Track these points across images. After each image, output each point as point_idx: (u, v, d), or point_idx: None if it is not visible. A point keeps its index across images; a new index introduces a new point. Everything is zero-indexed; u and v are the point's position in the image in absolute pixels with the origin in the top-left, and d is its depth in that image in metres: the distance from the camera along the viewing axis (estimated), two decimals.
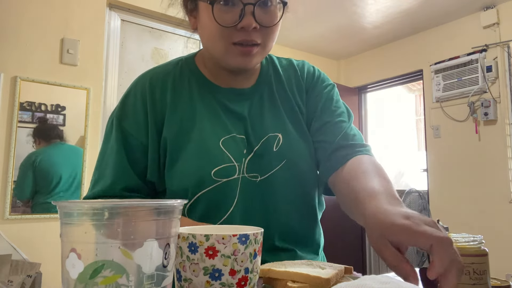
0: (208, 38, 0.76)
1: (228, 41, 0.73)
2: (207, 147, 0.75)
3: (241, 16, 0.70)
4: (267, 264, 0.59)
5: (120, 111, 0.80)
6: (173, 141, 0.76)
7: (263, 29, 0.73)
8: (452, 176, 3.41)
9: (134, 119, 0.78)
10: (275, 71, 0.88)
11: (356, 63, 4.41)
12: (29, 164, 2.24)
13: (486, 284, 0.50)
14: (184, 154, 0.75)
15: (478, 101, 3.26)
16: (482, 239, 0.52)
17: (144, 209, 0.38)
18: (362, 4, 3.25)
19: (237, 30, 0.71)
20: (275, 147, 0.79)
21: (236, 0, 0.70)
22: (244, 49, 0.73)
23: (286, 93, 0.85)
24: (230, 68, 0.80)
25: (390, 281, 0.51)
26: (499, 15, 3.21)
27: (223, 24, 0.71)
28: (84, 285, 0.35)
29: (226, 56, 0.75)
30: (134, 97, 0.80)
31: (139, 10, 2.78)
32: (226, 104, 0.80)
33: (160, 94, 0.79)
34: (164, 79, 0.81)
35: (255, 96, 0.83)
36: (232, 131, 0.78)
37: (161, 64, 0.87)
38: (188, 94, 0.81)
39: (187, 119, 0.78)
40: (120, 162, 0.76)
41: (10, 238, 1.99)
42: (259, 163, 0.77)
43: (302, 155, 0.81)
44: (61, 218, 0.38)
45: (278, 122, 0.82)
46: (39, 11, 2.35)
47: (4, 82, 2.20)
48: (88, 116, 2.43)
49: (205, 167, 0.74)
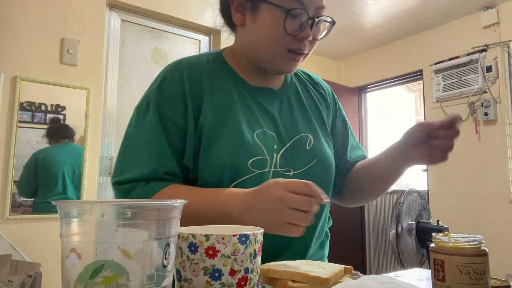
0: (266, 40, 0.79)
1: (284, 47, 0.78)
2: (243, 138, 0.78)
3: (301, 27, 0.76)
4: (267, 264, 0.59)
5: (157, 96, 0.79)
6: (209, 129, 0.78)
7: (312, 41, 0.80)
8: (452, 176, 3.40)
9: (174, 104, 0.78)
10: (297, 77, 0.96)
11: (356, 63, 4.41)
12: (32, 162, 2.25)
13: (486, 284, 0.50)
14: (219, 142, 0.77)
15: (478, 101, 3.26)
16: (482, 239, 0.52)
17: (144, 209, 0.38)
18: (362, 4, 3.25)
19: (295, 39, 0.77)
20: (307, 146, 0.86)
21: (303, 13, 0.76)
22: (295, 56, 0.80)
23: (313, 99, 0.94)
24: (272, 71, 0.85)
25: (390, 281, 0.51)
26: (499, 15, 3.21)
27: (288, 32, 0.76)
28: (84, 285, 0.35)
29: (277, 59, 0.80)
30: (172, 83, 0.80)
31: (139, 10, 2.78)
32: (258, 101, 0.85)
33: (198, 82, 0.81)
34: (200, 69, 0.83)
35: (283, 96, 0.89)
36: (264, 126, 0.82)
37: (191, 56, 0.89)
38: (223, 87, 0.83)
39: (223, 110, 0.80)
40: (161, 146, 0.76)
41: (10, 238, 1.98)
42: (291, 158, 0.82)
43: (329, 157, 0.89)
44: (61, 218, 0.38)
45: (308, 124, 0.89)
46: (39, 11, 2.35)
47: (4, 82, 2.20)
48: (88, 116, 2.43)
49: (241, 157, 0.77)
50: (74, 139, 2.38)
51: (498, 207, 3.09)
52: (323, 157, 0.87)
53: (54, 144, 2.32)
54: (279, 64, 0.82)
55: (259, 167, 0.78)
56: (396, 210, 2.68)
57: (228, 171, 0.76)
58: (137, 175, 0.74)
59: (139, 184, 0.74)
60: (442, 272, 0.52)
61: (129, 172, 0.75)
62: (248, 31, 0.82)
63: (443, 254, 0.52)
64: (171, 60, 3.14)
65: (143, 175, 0.74)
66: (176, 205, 0.41)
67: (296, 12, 0.75)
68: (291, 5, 0.75)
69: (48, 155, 2.30)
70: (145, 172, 0.74)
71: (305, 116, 0.90)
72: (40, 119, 2.30)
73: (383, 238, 4.04)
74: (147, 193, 0.73)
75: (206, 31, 3.09)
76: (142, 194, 0.73)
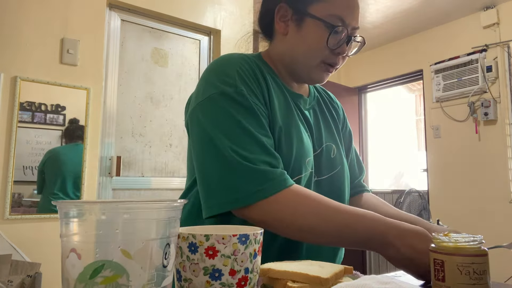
0: (307, 51, 0.84)
1: (322, 59, 0.84)
2: (302, 138, 0.82)
3: (339, 42, 0.83)
4: (267, 264, 0.59)
5: (243, 85, 0.76)
6: (278, 123, 0.79)
7: (344, 57, 0.87)
8: (452, 176, 3.40)
9: (254, 92, 0.77)
10: (316, 90, 1.02)
11: (356, 63, 4.41)
12: (42, 162, 2.29)
13: (486, 284, 0.50)
14: (288, 136, 0.80)
15: (478, 101, 3.26)
16: (482, 239, 0.52)
17: (144, 209, 0.38)
18: (362, 4, 3.25)
19: (333, 53, 0.83)
20: (332, 155, 0.91)
21: (344, 30, 0.82)
22: (329, 68, 0.86)
23: (330, 112, 1.00)
24: (305, 80, 0.90)
25: (390, 281, 0.51)
26: (499, 15, 3.21)
27: (330, 46, 0.82)
28: (84, 285, 0.35)
29: (313, 70, 0.86)
30: (249, 74, 0.79)
31: (139, 10, 2.78)
32: (298, 106, 0.89)
33: (260, 76, 0.82)
34: (253, 66, 0.83)
35: (312, 106, 0.95)
36: (306, 131, 0.87)
37: (234, 54, 0.86)
38: (273, 85, 0.85)
39: (282, 107, 0.83)
40: (269, 137, 0.75)
41: (10, 238, 1.98)
42: (318, 164, 0.87)
43: (347, 166, 0.95)
44: (61, 218, 0.38)
45: (331, 134, 0.95)
46: (39, 11, 2.35)
47: (4, 82, 2.20)
48: (88, 116, 2.43)
49: (303, 155, 0.81)
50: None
51: (498, 207, 3.09)
52: (344, 166, 0.93)
53: (67, 144, 2.36)
54: (313, 74, 0.87)
55: (308, 167, 0.82)
56: None
57: (291, 169, 0.77)
58: (269, 160, 0.71)
59: (281, 172, 0.71)
60: (442, 272, 0.52)
61: (255, 154, 0.70)
62: (290, 40, 0.87)
63: (443, 254, 0.52)
64: (171, 60, 3.13)
65: (277, 163, 0.72)
66: (176, 205, 0.41)
67: (339, 30, 0.82)
68: (336, 23, 0.81)
69: (53, 155, 2.31)
70: (277, 162, 0.72)
71: (328, 127, 0.95)
72: (40, 119, 2.30)
73: None
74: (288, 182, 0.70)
75: (206, 31, 3.09)
76: (283, 183, 0.69)
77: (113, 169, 2.58)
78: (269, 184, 0.68)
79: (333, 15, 0.81)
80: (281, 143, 0.78)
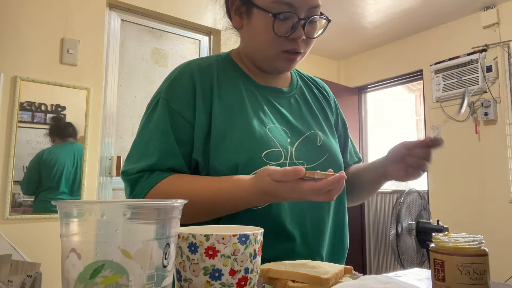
0: (260, 43, 0.83)
1: (279, 48, 0.81)
2: (255, 132, 0.80)
3: (293, 28, 0.79)
4: (267, 264, 0.59)
5: (168, 93, 0.82)
6: (220, 124, 0.80)
7: (307, 40, 0.82)
8: (452, 176, 3.40)
9: (184, 100, 0.81)
10: (301, 79, 1.00)
11: (356, 63, 4.41)
12: (37, 160, 2.26)
13: (486, 284, 0.50)
14: (232, 136, 0.79)
15: (478, 101, 3.26)
16: (482, 239, 0.52)
17: (144, 209, 0.38)
18: (362, 4, 3.25)
19: (288, 40, 0.80)
20: (318, 142, 0.89)
21: (293, 15, 0.78)
22: (291, 56, 0.83)
23: (318, 100, 0.98)
24: (271, 71, 0.88)
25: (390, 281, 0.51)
26: (499, 15, 3.21)
27: (279, 34, 0.79)
28: (84, 285, 0.35)
29: (274, 61, 0.84)
30: (182, 80, 0.83)
31: (139, 10, 2.78)
32: (268, 99, 0.88)
33: (208, 79, 0.84)
34: (210, 68, 0.86)
35: (291, 96, 0.92)
36: (275, 122, 0.85)
37: (201, 57, 0.93)
38: (232, 85, 0.86)
39: (234, 106, 0.83)
40: (167, 142, 0.78)
41: (10, 238, 1.98)
42: (304, 153, 0.85)
43: (338, 154, 0.93)
44: (61, 218, 0.38)
45: (317, 122, 0.92)
46: (39, 11, 2.35)
47: (4, 82, 2.20)
48: (88, 116, 2.43)
49: (255, 149, 0.79)
50: (77, 138, 2.39)
51: (498, 207, 3.09)
52: (333, 153, 0.90)
53: (59, 143, 2.33)
54: (276, 65, 0.85)
55: (273, 159, 0.79)
56: (396, 210, 2.68)
57: (242, 164, 0.77)
58: (142, 167, 0.77)
59: (144, 175, 0.77)
60: (442, 272, 0.52)
61: (135, 164, 0.78)
62: (245, 33, 0.87)
63: (443, 254, 0.52)
64: (171, 60, 3.13)
65: (147, 167, 0.76)
66: (176, 205, 0.41)
67: (285, 15, 0.78)
68: (280, 9, 0.78)
69: (51, 154, 2.30)
70: (149, 164, 0.77)
71: (312, 115, 0.93)
72: (40, 119, 2.30)
73: (383, 238, 4.04)
74: (151, 183, 0.75)
75: (206, 31, 3.09)
76: (146, 185, 0.75)
77: (113, 169, 2.58)
78: (138, 188, 0.76)
79: (278, 1, 0.77)
80: (224, 142, 0.78)
